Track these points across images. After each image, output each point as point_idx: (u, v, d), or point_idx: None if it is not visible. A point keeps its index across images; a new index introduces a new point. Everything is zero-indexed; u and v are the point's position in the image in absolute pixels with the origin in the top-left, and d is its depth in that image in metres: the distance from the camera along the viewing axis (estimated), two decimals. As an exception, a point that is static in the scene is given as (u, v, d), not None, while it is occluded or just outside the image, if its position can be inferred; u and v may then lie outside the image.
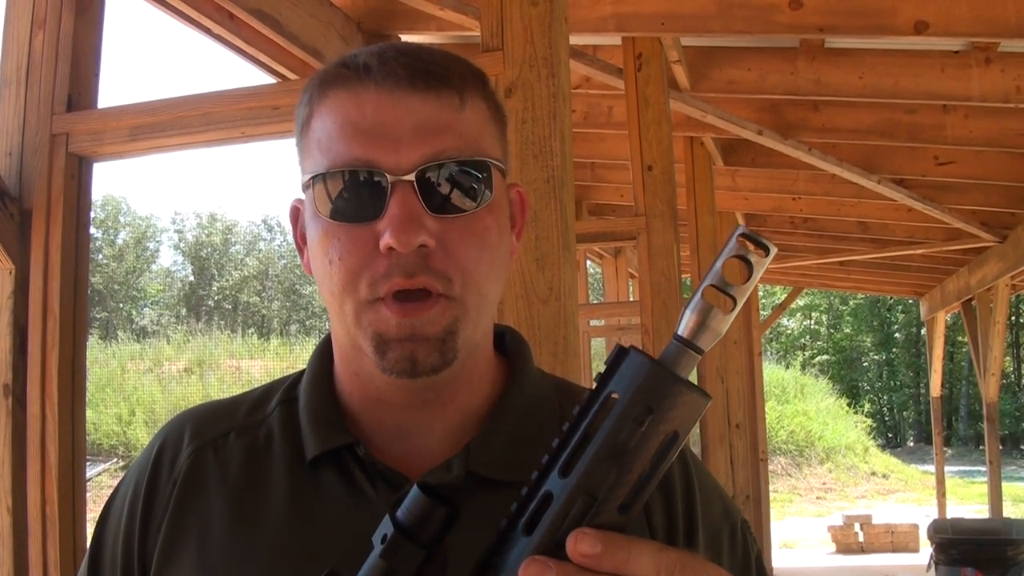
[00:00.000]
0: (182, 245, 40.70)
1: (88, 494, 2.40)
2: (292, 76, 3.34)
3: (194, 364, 18.32)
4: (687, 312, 0.58)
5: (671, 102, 4.05)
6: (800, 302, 31.15)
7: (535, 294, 1.84)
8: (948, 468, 13.83)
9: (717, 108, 4.41)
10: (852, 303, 32.99)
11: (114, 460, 15.41)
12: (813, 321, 35.10)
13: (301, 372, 0.92)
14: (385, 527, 0.65)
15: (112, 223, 39.03)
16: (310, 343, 22.37)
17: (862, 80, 3.99)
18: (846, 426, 20.79)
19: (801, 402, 20.78)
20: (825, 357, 33.71)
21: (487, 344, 0.87)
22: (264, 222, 42.77)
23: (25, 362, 2.20)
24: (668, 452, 0.59)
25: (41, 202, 2.25)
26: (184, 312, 36.38)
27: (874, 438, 23.05)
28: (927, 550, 7.66)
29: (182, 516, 0.84)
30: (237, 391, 0.95)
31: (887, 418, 32.76)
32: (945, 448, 14.34)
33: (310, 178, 0.79)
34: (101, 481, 14.38)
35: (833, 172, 5.30)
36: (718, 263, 0.57)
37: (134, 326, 34.29)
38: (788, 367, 26.64)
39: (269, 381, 0.95)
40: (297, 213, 0.86)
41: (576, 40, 3.98)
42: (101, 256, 36.74)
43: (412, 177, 0.75)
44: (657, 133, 3.90)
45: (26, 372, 2.19)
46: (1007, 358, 29.44)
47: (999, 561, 6.65)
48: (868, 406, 30.22)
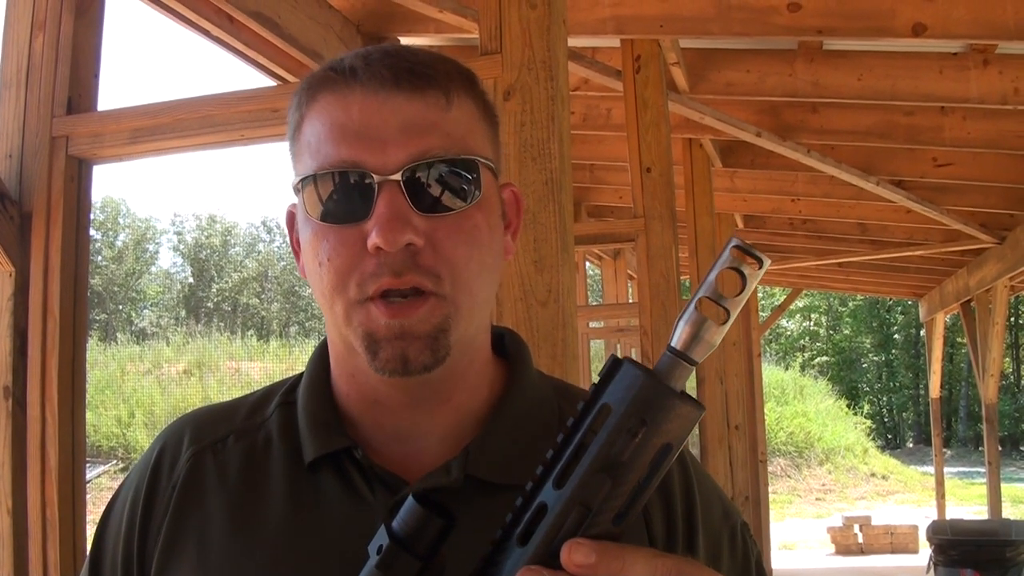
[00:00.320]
0: (181, 247, 40.68)
1: (88, 496, 2.40)
2: (291, 78, 3.35)
3: (193, 366, 18.31)
4: (681, 324, 0.59)
5: (670, 104, 4.05)
6: (799, 303, 31.15)
7: (534, 296, 1.85)
8: (947, 469, 13.83)
9: (716, 110, 4.42)
10: (851, 304, 32.97)
11: (114, 462, 15.40)
12: (812, 322, 35.09)
13: (300, 375, 0.92)
14: (381, 537, 0.65)
15: (112, 225, 39.01)
16: (309, 345, 22.36)
17: (860, 82, 3.99)
18: (845, 427, 20.78)
19: (800, 403, 20.77)
20: (824, 358, 33.69)
21: (484, 344, 0.87)
22: (263, 224, 42.76)
23: (25, 364, 2.20)
24: (662, 464, 0.59)
25: (41, 204, 2.25)
26: (183, 314, 36.34)
27: (873, 439, 23.02)
28: (926, 551, 7.66)
29: (181, 519, 0.84)
30: (236, 393, 0.95)
31: (886, 419, 32.73)
32: (944, 449, 14.33)
33: (300, 180, 0.79)
34: (101, 483, 14.37)
35: (832, 174, 5.30)
36: (712, 275, 0.57)
37: (133, 328, 34.25)
38: (787, 368, 26.61)
39: (268, 384, 0.95)
40: (292, 218, 0.87)
41: (575, 42, 3.98)
42: (100, 258, 36.72)
43: (399, 177, 0.75)
44: (656, 135, 3.90)
45: (26, 374, 2.19)
46: (1006, 359, 29.43)
47: (998, 562, 6.65)
48: (867, 407, 30.20)
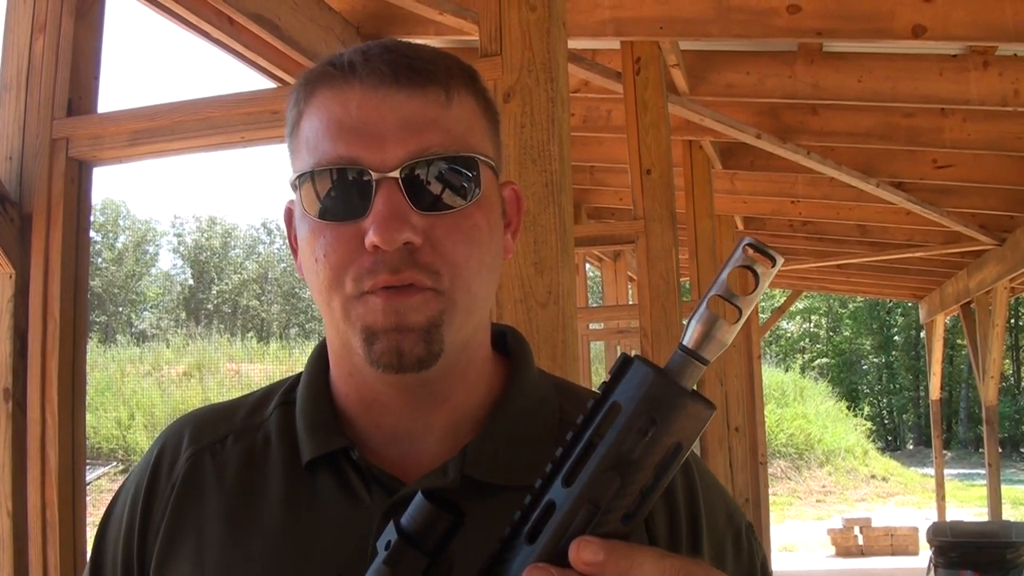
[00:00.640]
0: (181, 249, 40.68)
1: (88, 498, 2.40)
2: (291, 80, 3.35)
3: (193, 368, 18.32)
4: (692, 322, 0.58)
5: (670, 106, 4.05)
6: (799, 305, 31.14)
7: (534, 298, 1.85)
8: (947, 471, 13.82)
9: (715, 112, 4.42)
10: (851, 306, 32.97)
11: (114, 464, 15.40)
12: (812, 324, 35.08)
13: (299, 375, 0.91)
14: (389, 533, 0.65)
15: (112, 227, 39.01)
16: (309, 347, 22.29)
17: (860, 84, 3.99)
18: (846, 429, 20.77)
19: (800, 405, 20.77)
20: (824, 360, 33.68)
21: (483, 342, 0.87)
22: (263, 226, 42.76)
23: (25, 366, 2.20)
24: (672, 463, 0.59)
25: (41, 206, 2.25)
26: (183, 316, 36.32)
27: (874, 441, 23.01)
28: (927, 553, 7.66)
29: (180, 519, 0.84)
30: (236, 395, 0.95)
31: (887, 421, 32.72)
32: (944, 451, 14.33)
33: (297, 177, 0.79)
34: (101, 485, 14.36)
35: (832, 175, 5.29)
36: (724, 273, 0.57)
37: (133, 330, 34.25)
38: (787, 370, 26.60)
39: (268, 384, 0.95)
40: (290, 215, 0.86)
41: (575, 44, 3.99)
42: (100, 260, 36.72)
43: (397, 174, 0.74)
44: (656, 137, 3.90)
45: (26, 376, 2.19)
46: (1006, 361, 29.42)
47: (998, 564, 6.64)
48: (868, 409, 30.18)
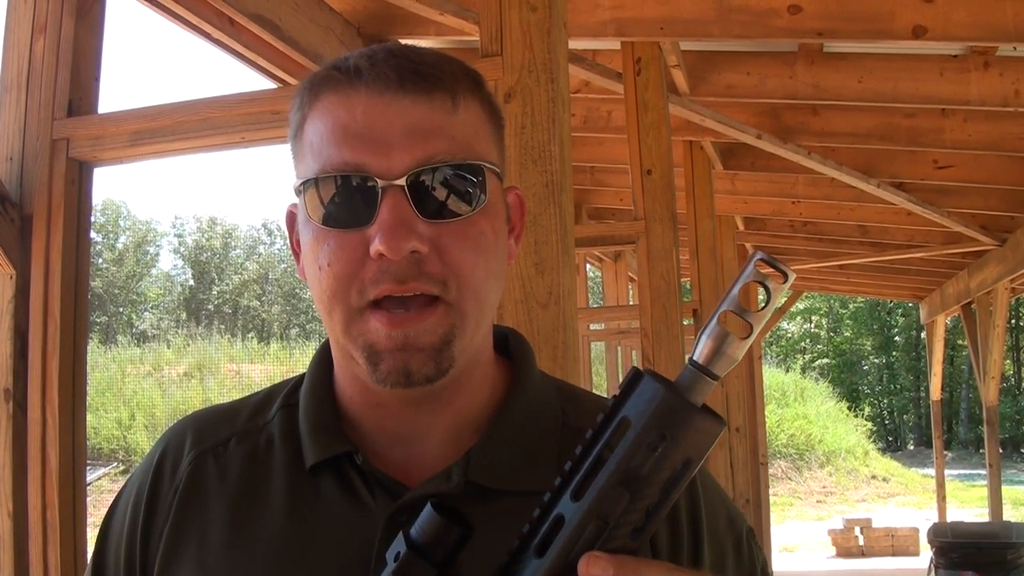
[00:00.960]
0: (182, 249, 40.70)
1: (88, 499, 2.40)
2: (292, 81, 3.35)
3: (194, 368, 18.33)
4: (703, 338, 0.58)
5: (670, 106, 4.05)
6: (800, 306, 31.13)
7: (534, 298, 1.85)
8: (948, 471, 13.82)
9: (716, 112, 4.42)
10: (852, 306, 32.96)
11: (114, 464, 15.40)
12: (813, 325, 35.07)
13: (302, 376, 0.91)
14: (398, 545, 0.65)
15: (112, 227, 39.03)
16: (310, 347, 22.36)
17: (861, 84, 3.99)
18: (846, 430, 20.77)
19: (801, 406, 20.77)
20: (825, 361, 33.68)
21: (487, 347, 0.86)
22: (264, 226, 42.79)
23: (26, 366, 2.20)
24: (681, 478, 0.59)
25: (42, 207, 2.25)
26: (184, 316, 36.33)
27: (874, 441, 23.02)
28: (927, 554, 7.66)
29: (183, 522, 0.84)
30: (237, 395, 0.94)
31: (887, 421, 32.71)
32: (945, 451, 14.32)
33: (302, 183, 0.78)
34: (101, 485, 14.37)
35: (832, 176, 5.29)
36: (735, 288, 0.56)
37: (134, 330, 34.25)
38: (788, 371, 26.60)
39: (270, 385, 0.94)
40: (292, 219, 0.85)
41: (575, 45, 3.99)
42: (101, 260, 36.73)
43: (403, 182, 0.73)
44: (656, 137, 3.90)
45: (27, 376, 2.19)
46: (1007, 361, 29.41)
47: (999, 564, 6.64)
48: (868, 410, 30.17)
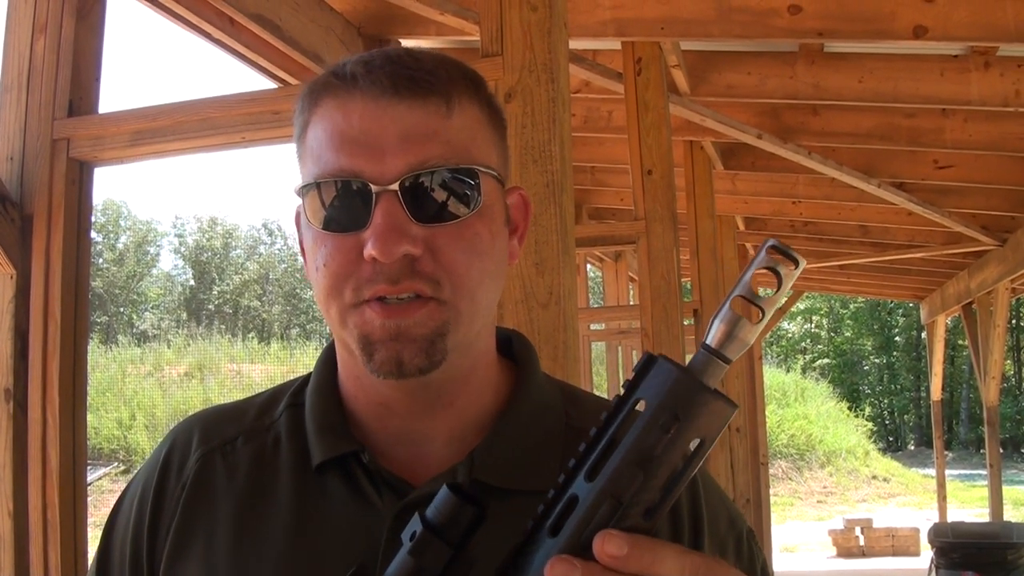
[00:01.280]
0: (183, 249, 40.72)
1: (89, 498, 2.40)
2: (293, 81, 3.35)
3: (195, 368, 18.36)
4: (715, 322, 0.59)
5: (671, 106, 4.05)
6: (800, 306, 31.14)
7: (535, 298, 1.85)
8: (949, 472, 13.82)
9: (716, 112, 4.42)
10: (852, 307, 32.97)
11: (115, 464, 15.42)
12: (813, 325, 35.08)
13: (307, 376, 0.92)
14: (414, 524, 0.66)
15: (113, 227, 39.04)
16: (310, 347, 22.39)
17: (861, 84, 3.99)
18: (847, 430, 20.78)
19: (802, 406, 20.78)
20: (825, 361, 33.68)
21: (488, 348, 0.87)
22: (264, 226, 42.82)
23: (26, 366, 2.20)
24: (694, 459, 0.60)
25: (42, 207, 2.25)
26: (184, 316, 36.35)
27: (875, 442, 23.02)
28: (928, 554, 7.66)
29: (190, 520, 0.84)
30: (238, 395, 0.95)
31: (888, 422, 32.72)
32: (946, 452, 14.32)
33: (302, 187, 0.80)
34: (102, 485, 14.38)
35: (833, 176, 5.29)
36: (747, 274, 0.58)
37: (135, 330, 34.28)
38: (789, 371, 26.62)
39: (275, 385, 0.95)
40: (300, 220, 0.87)
41: (576, 45, 3.99)
42: (102, 260, 36.75)
43: (396, 186, 0.75)
44: (657, 137, 3.90)
45: (27, 376, 2.19)
46: (1007, 362, 29.41)
47: (999, 565, 6.64)
48: (869, 410, 30.18)
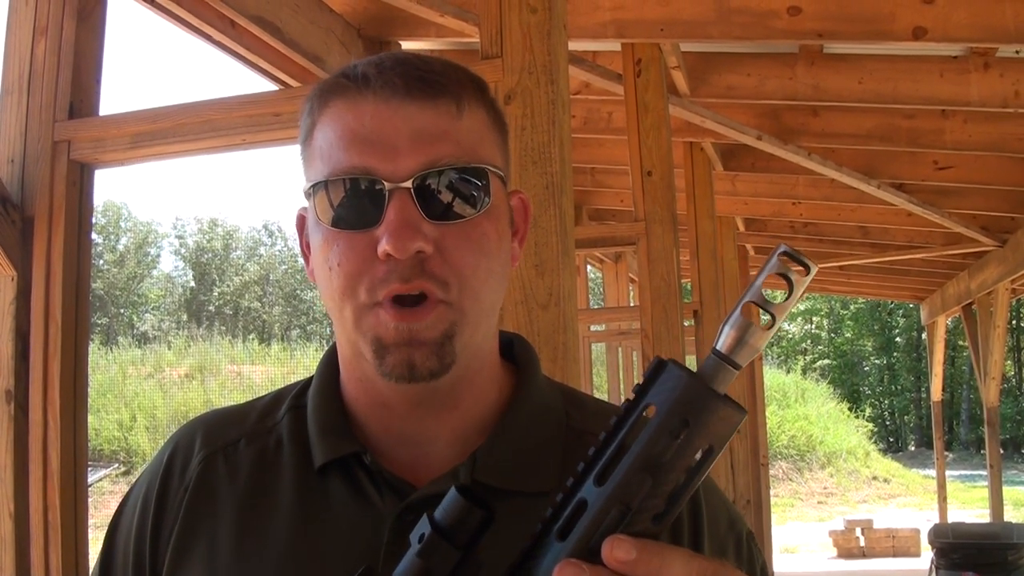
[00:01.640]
0: (183, 251, 40.73)
1: (90, 500, 2.40)
2: (293, 83, 3.35)
3: (195, 370, 18.34)
4: (726, 328, 0.59)
5: (670, 107, 4.05)
6: (801, 307, 31.15)
7: (535, 299, 1.85)
8: (949, 472, 13.81)
9: (716, 113, 4.42)
10: (853, 307, 32.96)
11: (115, 466, 15.42)
12: (814, 325, 35.08)
13: (309, 379, 0.93)
14: (423, 526, 0.66)
15: (113, 229, 39.05)
16: (311, 348, 22.40)
17: (861, 85, 4.00)
18: (847, 430, 20.77)
19: (802, 406, 20.77)
20: (826, 361, 33.67)
21: (491, 350, 0.88)
22: (265, 228, 42.87)
23: (27, 368, 2.20)
24: (703, 465, 0.60)
25: (43, 209, 2.25)
26: (185, 318, 36.35)
27: (875, 442, 23.01)
28: (928, 554, 7.66)
29: (193, 522, 0.85)
30: (238, 397, 0.95)
31: (888, 422, 32.71)
32: (946, 452, 14.33)
33: (311, 186, 0.80)
34: (102, 487, 14.38)
35: (833, 177, 5.30)
36: (759, 280, 0.58)
37: (135, 332, 34.30)
38: (789, 372, 26.59)
39: (277, 388, 0.96)
40: (302, 222, 0.88)
41: (575, 46, 3.99)
42: (102, 262, 36.75)
43: (409, 184, 0.76)
44: (656, 138, 3.91)
45: (28, 378, 2.19)
46: (1008, 362, 29.40)
47: (1000, 565, 6.64)
48: (869, 410, 30.16)
